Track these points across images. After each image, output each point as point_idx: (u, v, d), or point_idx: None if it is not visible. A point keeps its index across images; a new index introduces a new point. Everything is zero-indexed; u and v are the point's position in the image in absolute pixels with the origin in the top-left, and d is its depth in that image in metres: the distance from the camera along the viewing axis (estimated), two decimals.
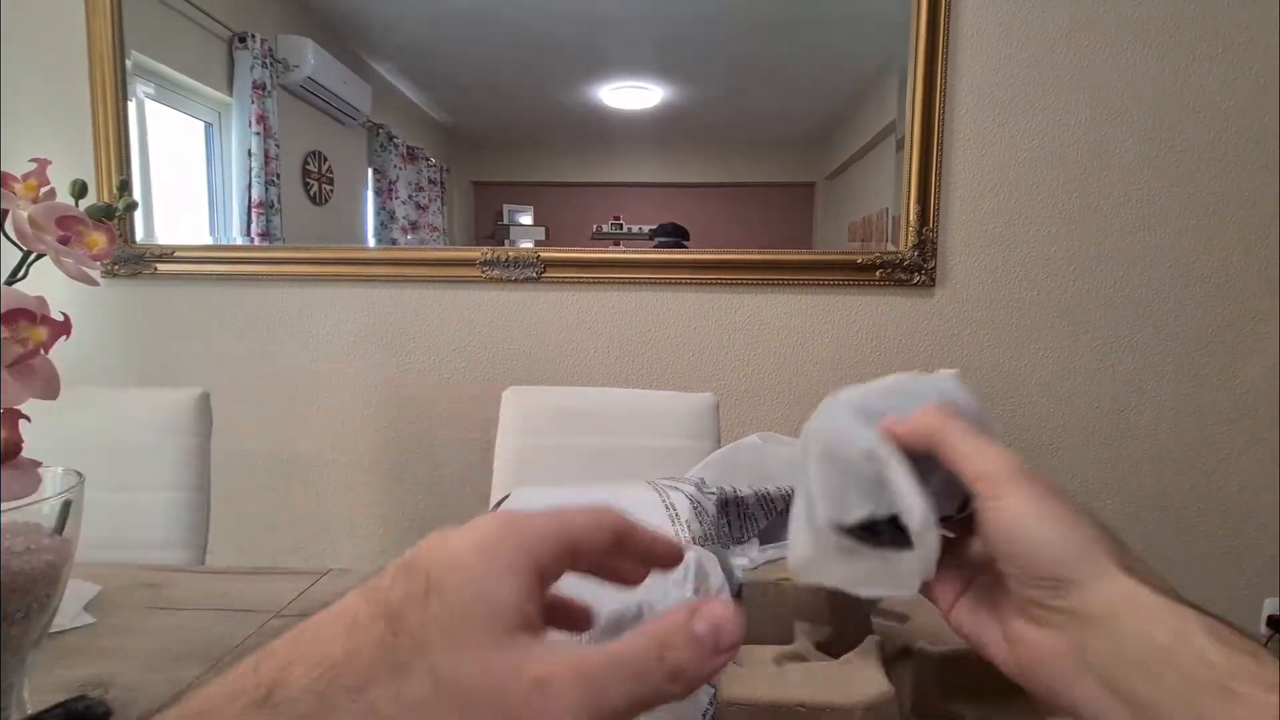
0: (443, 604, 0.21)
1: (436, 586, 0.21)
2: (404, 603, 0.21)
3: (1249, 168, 1.41)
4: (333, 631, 0.20)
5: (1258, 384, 1.45)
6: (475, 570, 0.22)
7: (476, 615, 0.21)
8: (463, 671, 0.20)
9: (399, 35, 1.69)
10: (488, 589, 0.21)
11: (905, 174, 1.44)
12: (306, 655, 0.20)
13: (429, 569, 0.22)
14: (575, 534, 0.24)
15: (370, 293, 1.56)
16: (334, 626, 0.20)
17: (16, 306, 0.45)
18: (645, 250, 1.65)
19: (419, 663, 0.20)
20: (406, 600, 0.21)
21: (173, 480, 1.11)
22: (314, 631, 0.21)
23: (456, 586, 0.21)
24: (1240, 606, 1.50)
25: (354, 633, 0.20)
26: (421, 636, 0.20)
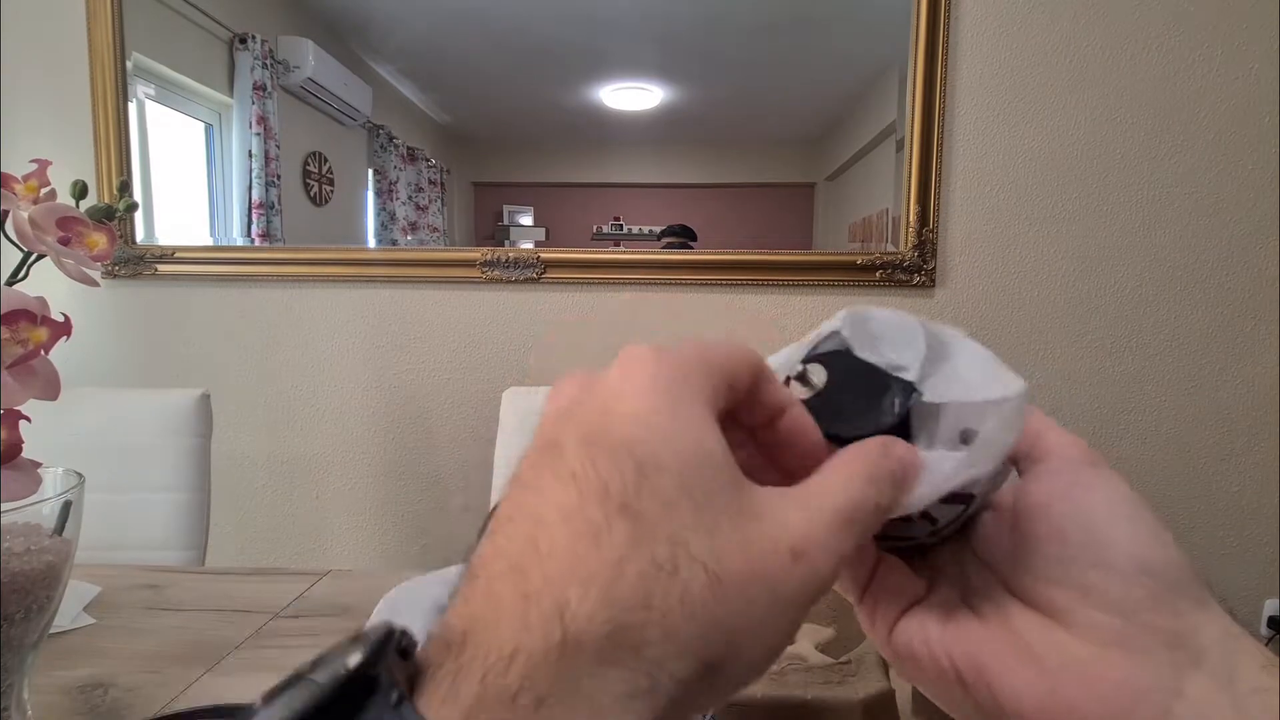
0: (669, 483, 0.18)
1: (649, 462, 0.18)
2: (629, 490, 0.18)
3: (1249, 168, 1.41)
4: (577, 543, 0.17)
5: (1258, 384, 1.45)
6: (674, 433, 0.19)
7: (709, 485, 0.18)
8: (727, 560, 0.18)
9: (399, 36, 1.69)
10: (700, 447, 0.19)
11: (905, 175, 1.44)
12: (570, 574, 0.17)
13: (621, 435, 0.18)
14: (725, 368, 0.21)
15: (370, 293, 1.56)
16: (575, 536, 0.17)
17: (17, 307, 0.45)
18: (646, 251, 1.65)
19: (686, 562, 0.17)
20: (628, 486, 0.18)
21: (173, 481, 1.11)
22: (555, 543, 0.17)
23: (670, 458, 0.18)
24: (1241, 607, 1.50)
25: (600, 539, 0.17)
26: (673, 529, 0.17)
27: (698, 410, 0.19)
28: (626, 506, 0.17)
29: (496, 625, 0.16)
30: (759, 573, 0.18)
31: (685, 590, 0.17)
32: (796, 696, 0.40)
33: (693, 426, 0.19)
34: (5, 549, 0.45)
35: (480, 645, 0.16)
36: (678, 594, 0.17)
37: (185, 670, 0.62)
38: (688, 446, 0.18)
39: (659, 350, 0.20)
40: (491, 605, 0.17)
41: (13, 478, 0.45)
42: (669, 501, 0.18)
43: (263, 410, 1.59)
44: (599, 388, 0.20)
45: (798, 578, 0.18)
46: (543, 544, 0.17)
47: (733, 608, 0.17)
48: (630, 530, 0.17)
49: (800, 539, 0.19)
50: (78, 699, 0.58)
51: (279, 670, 0.15)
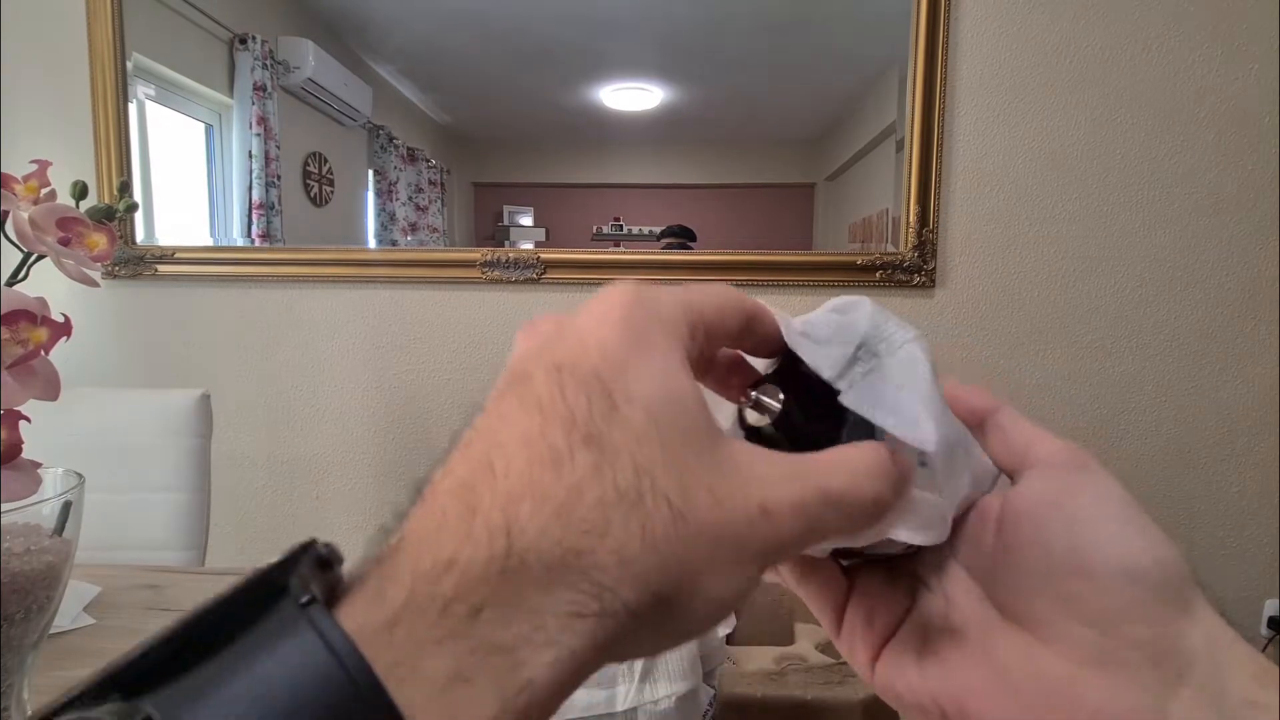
0: (640, 415, 0.17)
1: (619, 394, 0.17)
2: (595, 419, 0.17)
3: (1249, 168, 1.41)
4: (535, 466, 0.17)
5: (1258, 384, 1.45)
6: (647, 368, 0.18)
7: (681, 424, 0.18)
8: (695, 500, 0.17)
9: (399, 37, 1.69)
10: (672, 388, 0.18)
11: (905, 175, 1.44)
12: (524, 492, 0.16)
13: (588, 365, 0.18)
14: (704, 311, 0.20)
15: (370, 294, 1.56)
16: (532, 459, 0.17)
17: (17, 308, 0.45)
18: (646, 251, 1.65)
19: (651, 495, 0.17)
20: (595, 415, 0.17)
21: (173, 481, 1.11)
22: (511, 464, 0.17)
23: (642, 392, 0.18)
24: (1241, 607, 1.50)
25: (561, 465, 0.16)
26: (640, 460, 0.17)
27: (672, 350, 0.19)
28: (592, 436, 0.17)
29: (436, 536, 0.16)
30: (725, 521, 0.17)
31: (647, 520, 0.16)
32: (796, 696, 0.40)
33: (667, 366, 0.18)
34: (5, 549, 0.45)
35: (412, 553, 0.16)
36: (638, 523, 0.16)
37: None
38: (660, 383, 0.18)
39: (637, 288, 0.20)
40: (433, 519, 0.16)
41: (13, 478, 0.45)
42: (639, 435, 0.17)
43: (263, 410, 1.59)
44: (572, 323, 0.19)
45: (760, 535, 0.18)
46: (498, 465, 0.17)
47: (693, 548, 0.17)
48: (594, 459, 0.17)
49: (772, 496, 0.18)
50: None
51: None
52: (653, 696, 0.56)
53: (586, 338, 0.18)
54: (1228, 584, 1.49)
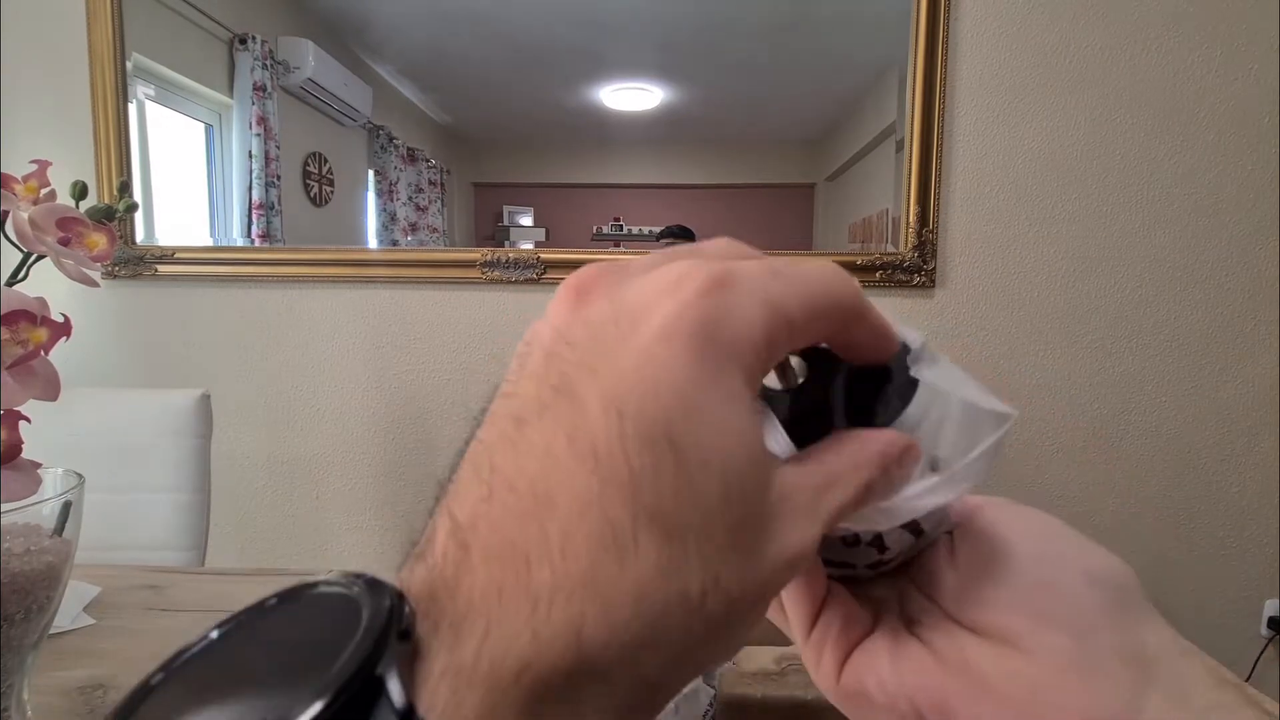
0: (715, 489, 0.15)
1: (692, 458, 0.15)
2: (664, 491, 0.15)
3: (1249, 168, 1.41)
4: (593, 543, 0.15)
5: (1258, 384, 1.45)
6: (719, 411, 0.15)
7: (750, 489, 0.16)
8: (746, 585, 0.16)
9: (399, 37, 1.69)
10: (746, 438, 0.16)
11: (905, 175, 1.44)
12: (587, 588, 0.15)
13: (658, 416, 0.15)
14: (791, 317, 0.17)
15: (371, 294, 1.56)
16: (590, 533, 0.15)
17: (17, 308, 0.45)
18: (646, 251, 1.65)
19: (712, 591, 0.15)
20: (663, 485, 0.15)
21: (173, 481, 1.11)
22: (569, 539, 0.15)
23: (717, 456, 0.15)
24: (1240, 608, 1.49)
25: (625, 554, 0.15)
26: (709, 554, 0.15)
27: (745, 385, 0.16)
28: (658, 515, 0.15)
29: (500, 625, 0.14)
30: (760, 591, 0.16)
31: (705, 622, 0.15)
32: (796, 697, 0.40)
33: (737, 409, 0.16)
34: (5, 549, 0.45)
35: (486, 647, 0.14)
36: (699, 629, 0.15)
37: None
38: (734, 438, 0.16)
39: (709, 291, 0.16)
40: (492, 595, 0.15)
41: (13, 478, 0.45)
42: (709, 511, 0.15)
43: (263, 410, 1.59)
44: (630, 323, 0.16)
45: (783, 582, 0.17)
46: (553, 535, 0.15)
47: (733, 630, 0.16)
48: (660, 550, 0.15)
49: (801, 550, 0.17)
50: (77, 700, 0.58)
51: None
52: None
53: (653, 367, 0.15)
54: (1228, 584, 1.49)
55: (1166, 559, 1.49)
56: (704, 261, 0.17)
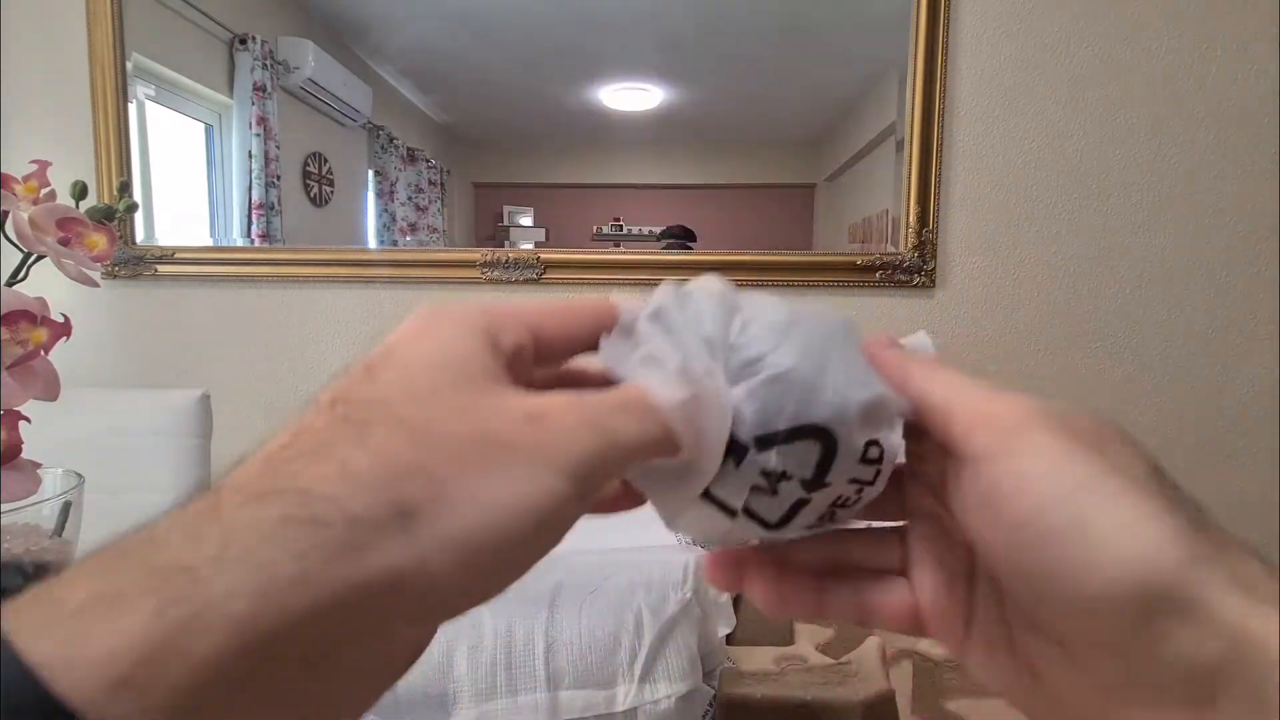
0: (394, 372, 0.18)
1: (380, 362, 0.18)
2: (346, 386, 0.18)
3: (1249, 169, 1.41)
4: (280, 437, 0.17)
5: (1258, 384, 1.45)
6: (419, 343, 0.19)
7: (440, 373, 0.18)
8: (437, 416, 0.17)
9: (399, 37, 1.69)
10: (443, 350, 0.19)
11: (905, 175, 1.44)
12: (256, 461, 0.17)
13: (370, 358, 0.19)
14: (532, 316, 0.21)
15: (371, 294, 1.56)
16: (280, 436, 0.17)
17: (17, 308, 0.45)
18: (646, 251, 1.65)
19: (381, 420, 0.17)
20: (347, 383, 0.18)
21: (173, 482, 1.11)
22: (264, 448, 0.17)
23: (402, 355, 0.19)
24: None
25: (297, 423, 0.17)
26: (379, 397, 0.17)
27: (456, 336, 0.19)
28: (338, 400, 0.17)
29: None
30: (476, 428, 0.17)
31: (373, 439, 0.16)
32: (797, 696, 0.40)
33: (442, 337, 0.19)
34: (5, 549, 0.45)
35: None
36: (364, 442, 0.16)
37: None
38: (427, 349, 0.19)
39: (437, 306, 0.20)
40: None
41: (12, 478, 0.45)
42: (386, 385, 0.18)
43: (263, 411, 1.59)
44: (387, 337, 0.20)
45: (533, 438, 0.17)
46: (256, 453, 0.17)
47: (434, 455, 0.16)
48: (330, 409, 0.17)
49: (539, 407, 0.18)
50: None
51: None
52: (652, 696, 0.56)
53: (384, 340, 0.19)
54: None
55: None
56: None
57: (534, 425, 0.18)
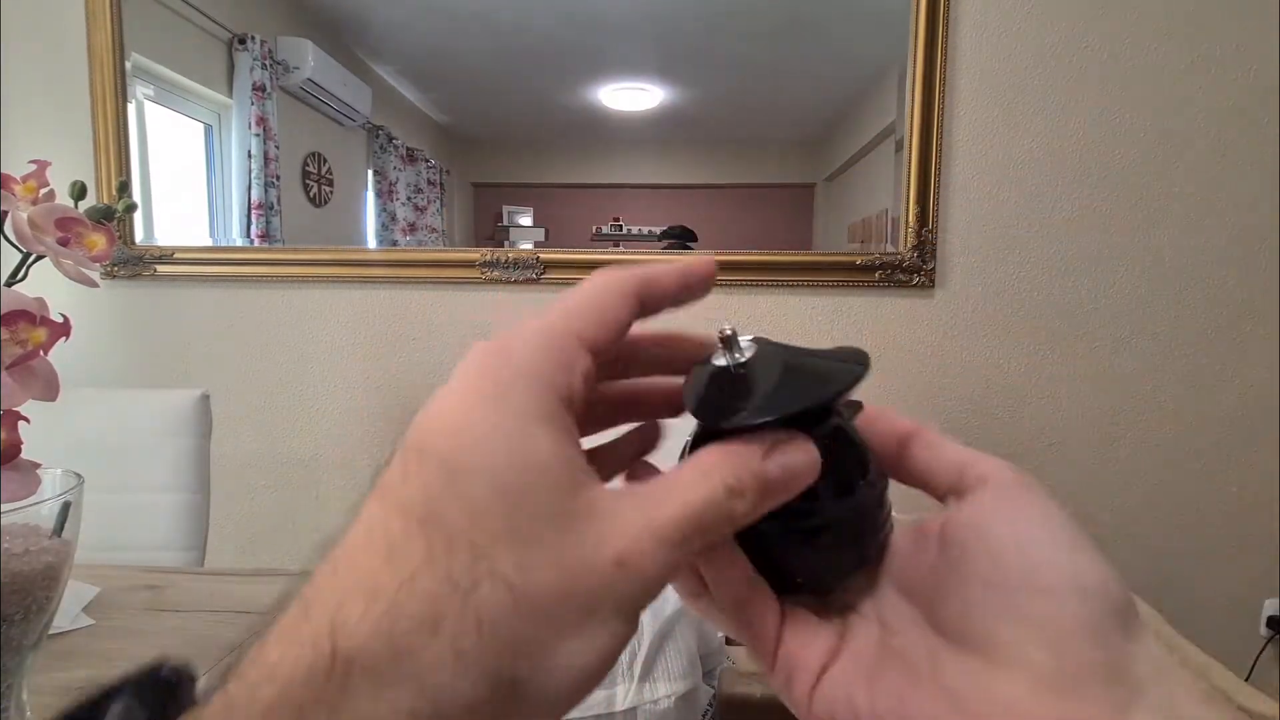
0: (482, 490, 0.17)
1: (463, 468, 0.17)
2: (434, 499, 0.17)
3: (1249, 168, 1.41)
4: (370, 558, 0.17)
5: (1258, 384, 1.45)
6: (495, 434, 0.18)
7: (530, 488, 0.17)
8: (538, 573, 0.17)
9: (399, 37, 1.69)
10: (521, 449, 0.18)
11: (905, 175, 1.44)
12: (355, 589, 0.16)
13: (433, 444, 0.18)
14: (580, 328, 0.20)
15: (370, 294, 1.56)
16: (369, 551, 0.17)
17: (16, 308, 0.45)
18: (645, 251, 1.65)
19: (488, 579, 0.16)
20: (429, 495, 0.17)
21: (172, 482, 1.11)
22: (350, 559, 0.17)
23: (486, 462, 0.17)
24: (1240, 607, 1.50)
25: (395, 556, 0.16)
26: (479, 540, 0.16)
27: (530, 405, 0.18)
28: (429, 518, 0.17)
29: (264, 645, 0.16)
30: (573, 586, 0.17)
31: (482, 608, 0.16)
32: None
33: (515, 429, 0.18)
34: (5, 549, 0.45)
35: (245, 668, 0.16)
36: (473, 614, 0.16)
37: None
38: (505, 449, 0.17)
39: (490, 347, 0.19)
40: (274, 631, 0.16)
41: (12, 478, 0.45)
42: (479, 511, 0.17)
43: (263, 410, 1.59)
44: (440, 397, 0.19)
45: (621, 588, 0.17)
46: (341, 560, 0.17)
47: (536, 624, 0.16)
48: (427, 544, 0.16)
49: (628, 546, 0.17)
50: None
51: None
52: (652, 696, 0.56)
53: (439, 411, 0.18)
54: (1227, 584, 1.49)
55: (1166, 558, 1.49)
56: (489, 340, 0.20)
57: (621, 573, 0.17)
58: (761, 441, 0.20)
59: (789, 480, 0.20)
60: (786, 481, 0.20)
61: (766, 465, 0.20)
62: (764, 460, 0.20)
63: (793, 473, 0.20)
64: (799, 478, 0.20)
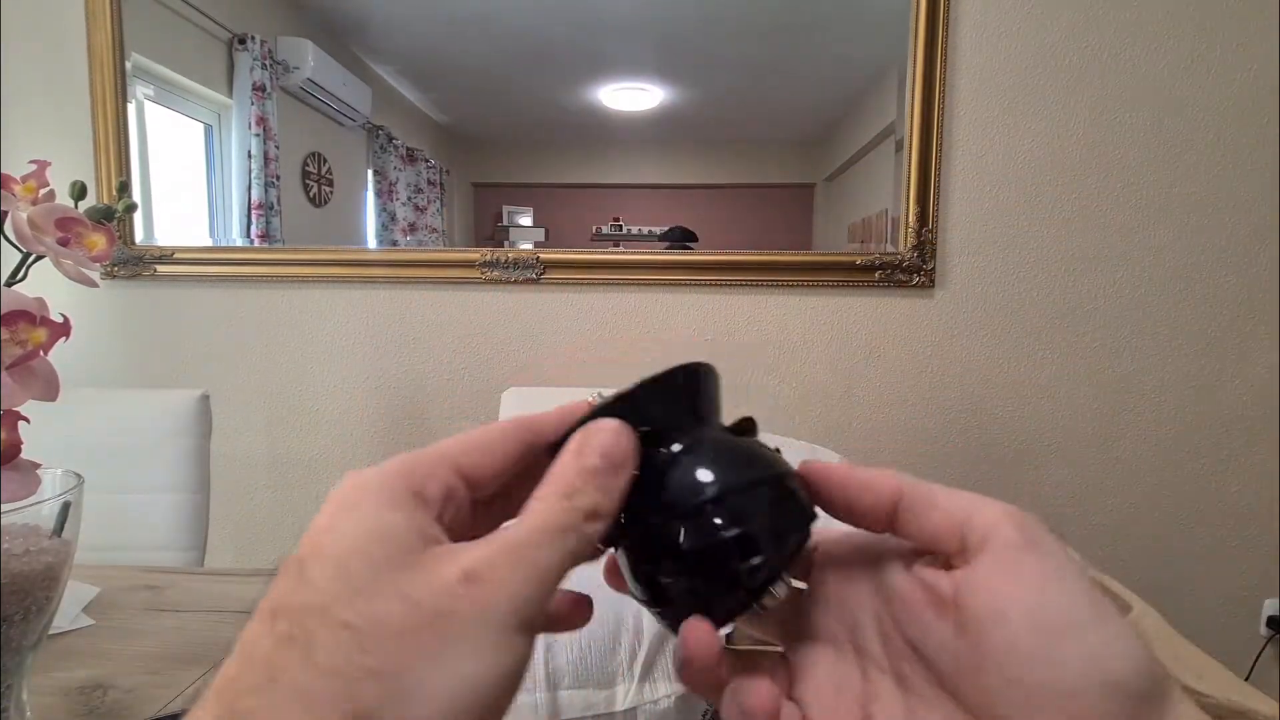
0: (326, 570, 0.18)
1: (311, 556, 0.18)
2: (282, 595, 0.18)
3: (1249, 168, 1.41)
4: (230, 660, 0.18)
5: (1258, 384, 1.45)
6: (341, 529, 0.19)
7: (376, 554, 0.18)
8: (380, 610, 0.17)
9: (399, 37, 1.69)
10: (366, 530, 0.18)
11: (904, 175, 1.44)
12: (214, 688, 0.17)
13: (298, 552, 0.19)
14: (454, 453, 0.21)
15: (370, 294, 1.56)
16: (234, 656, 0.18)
17: (16, 308, 0.45)
18: (645, 251, 1.65)
19: (323, 626, 0.17)
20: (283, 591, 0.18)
21: (172, 482, 1.11)
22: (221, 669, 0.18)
23: (332, 544, 0.18)
24: (1240, 607, 1.50)
25: (244, 646, 0.18)
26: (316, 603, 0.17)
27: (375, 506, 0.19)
28: (279, 608, 0.18)
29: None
30: (418, 611, 0.17)
31: (320, 653, 0.17)
32: None
33: (365, 515, 0.19)
34: (5, 550, 0.45)
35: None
36: (313, 660, 0.16)
37: (185, 671, 0.62)
38: (350, 534, 0.18)
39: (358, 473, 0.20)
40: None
41: (12, 479, 0.45)
42: (319, 585, 0.18)
43: (262, 410, 1.59)
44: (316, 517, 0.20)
45: (472, 600, 0.18)
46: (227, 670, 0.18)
47: (385, 656, 0.17)
48: (272, 624, 0.17)
49: (474, 562, 0.18)
50: (77, 700, 0.58)
51: None
52: (652, 696, 0.56)
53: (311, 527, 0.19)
54: (1227, 584, 1.49)
55: (1166, 558, 1.49)
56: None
57: (471, 586, 0.18)
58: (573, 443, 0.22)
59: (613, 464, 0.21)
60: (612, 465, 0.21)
61: (584, 460, 0.21)
62: (581, 457, 0.21)
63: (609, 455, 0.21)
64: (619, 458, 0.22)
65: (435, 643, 0.17)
